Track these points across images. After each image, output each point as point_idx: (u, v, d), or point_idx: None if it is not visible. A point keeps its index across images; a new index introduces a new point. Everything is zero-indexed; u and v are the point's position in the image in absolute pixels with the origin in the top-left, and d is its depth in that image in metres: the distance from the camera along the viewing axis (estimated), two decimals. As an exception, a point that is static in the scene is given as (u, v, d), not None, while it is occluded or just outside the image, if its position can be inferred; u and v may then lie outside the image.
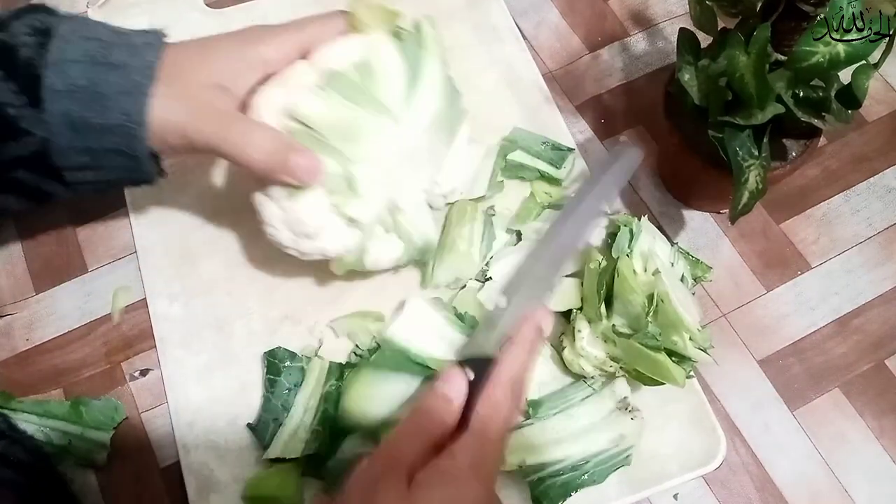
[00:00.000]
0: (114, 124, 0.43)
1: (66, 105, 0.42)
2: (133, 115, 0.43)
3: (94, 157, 0.45)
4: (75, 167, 0.45)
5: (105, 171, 0.46)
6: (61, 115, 0.42)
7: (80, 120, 0.43)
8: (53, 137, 0.43)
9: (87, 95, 0.42)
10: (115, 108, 0.43)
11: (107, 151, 0.44)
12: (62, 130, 0.43)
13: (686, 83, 0.51)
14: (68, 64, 0.42)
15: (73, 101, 0.42)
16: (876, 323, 0.58)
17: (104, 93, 0.43)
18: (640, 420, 0.50)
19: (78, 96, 0.42)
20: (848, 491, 0.53)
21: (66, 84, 0.42)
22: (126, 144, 0.44)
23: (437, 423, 0.39)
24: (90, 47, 0.43)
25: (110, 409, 0.53)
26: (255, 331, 0.56)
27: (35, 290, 0.58)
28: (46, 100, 0.42)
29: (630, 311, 0.49)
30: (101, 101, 0.43)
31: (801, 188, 0.63)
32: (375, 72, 0.46)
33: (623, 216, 0.54)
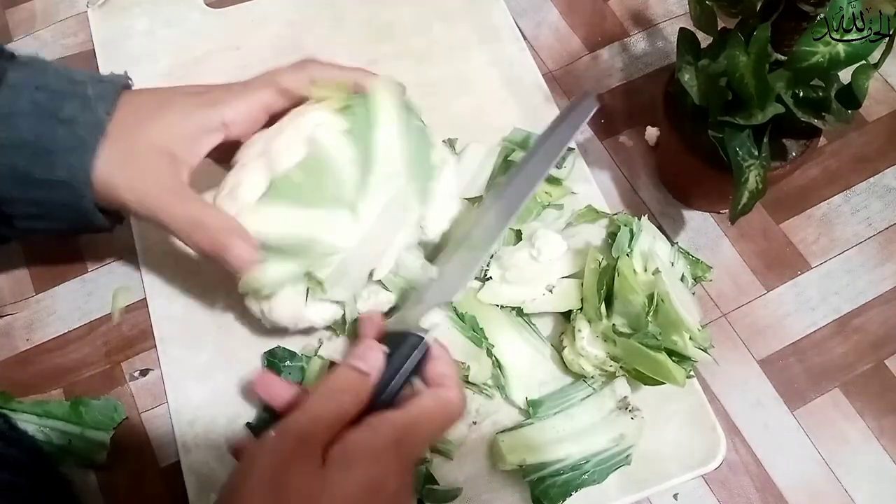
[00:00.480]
0: (59, 180, 0.42)
1: (10, 158, 0.42)
2: (77, 172, 0.42)
3: (41, 209, 0.44)
4: (24, 216, 0.45)
5: (55, 221, 0.45)
6: (8, 168, 0.42)
7: (26, 174, 0.42)
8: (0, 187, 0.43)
9: (32, 150, 0.42)
10: (60, 164, 0.42)
11: (54, 204, 0.44)
12: (8, 182, 0.42)
13: (686, 83, 0.51)
14: (16, 116, 0.42)
15: (19, 156, 0.42)
16: (876, 323, 0.58)
17: (50, 148, 0.42)
18: (640, 419, 0.50)
19: (24, 150, 0.42)
20: (848, 491, 0.53)
21: (11, 138, 0.42)
22: (71, 200, 0.43)
23: (351, 397, 0.38)
24: (40, 99, 0.42)
25: (110, 409, 0.53)
26: (256, 330, 0.56)
27: (35, 290, 0.58)
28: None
29: (630, 311, 0.49)
30: (47, 156, 0.42)
31: (801, 188, 0.63)
32: (323, 165, 0.44)
33: (623, 216, 0.54)
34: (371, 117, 0.44)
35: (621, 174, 0.64)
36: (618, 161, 0.64)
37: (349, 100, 0.44)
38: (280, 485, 0.33)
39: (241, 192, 0.45)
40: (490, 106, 0.65)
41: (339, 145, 0.44)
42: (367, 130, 0.44)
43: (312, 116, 0.44)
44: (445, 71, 0.66)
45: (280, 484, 0.33)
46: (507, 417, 0.53)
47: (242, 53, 0.67)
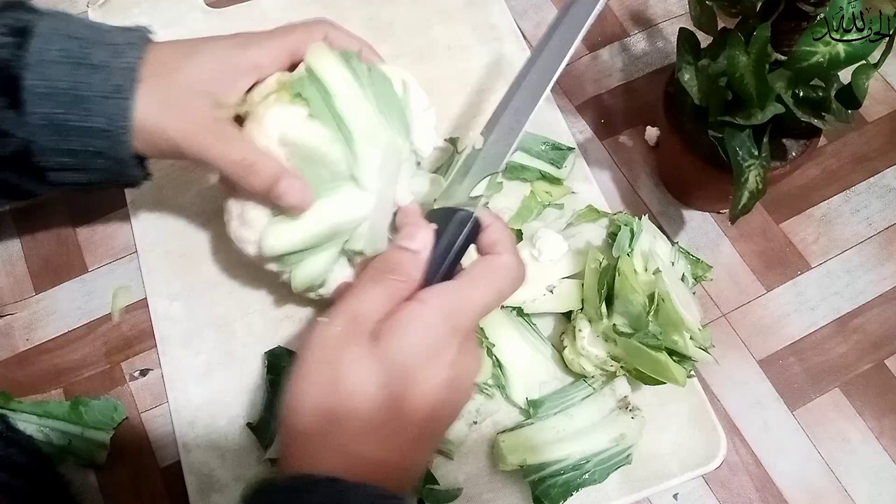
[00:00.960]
0: (96, 128, 0.42)
1: (47, 107, 0.41)
2: (115, 119, 0.42)
3: (76, 159, 0.44)
4: (58, 168, 0.44)
5: (88, 173, 0.45)
6: (43, 118, 0.42)
7: (63, 122, 0.42)
8: (35, 139, 0.42)
9: (68, 98, 0.41)
10: (97, 111, 0.42)
11: (90, 154, 0.43)
12: (44, 133, 0.42)
13: (686, 83, 0.51)
14: (48, 65, 0.41)
15: (55, 104, 0.41)
16: (876, 323, 0.58)
17: (86, 95, 0.42)
18: (640, 419, 0.50)
19: (59, 99, 0.41)
20: (848, 491, 0.53)
21: (46, 86, 0.41)
22: (109, 148, 0.43)
23: (402, 276, 0.38)
24: (71, 47, 0.42)
25: (110, 409, 0.53)
26: (256, 330, 0.56)
27: (35, 290, 0.58)
28: (27, 102, 0.41)
29: (631, 311, 0.49)
30: (83, 103, 0.42)
31: (801, 188, 0.63)
32: (308, 158, 0.44)
33: (623, 216, 0.54)
34: (324, 91, 0.44)
35: (621, 174, 0.64)
36: (618, 161, 0.64)
37: (295, 86, 0.44)
38: (334, 362, 0.34)
39: (252, 218, 0.46)
40: (490, 106, 0.64)
41: (312, 133, 0.44)
42: (327, 105, 0.44)
43: (272, 117, 0.44)
44: (445, 71, 0.66)
45: (333, 362, 0.34)
46: (508, 417, 0.53)
47: (242, 53, 0.67)
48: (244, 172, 0.43)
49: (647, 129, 0.65)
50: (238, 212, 0.47)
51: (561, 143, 0.62)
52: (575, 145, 0.62)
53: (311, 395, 0.35)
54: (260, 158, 0.44)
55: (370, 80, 0.46)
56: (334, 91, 0.44)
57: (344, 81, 0.44)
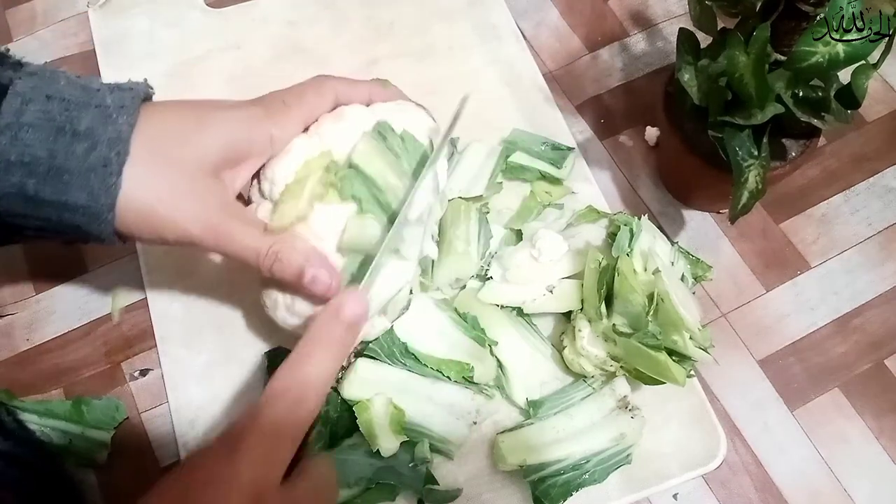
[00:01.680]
0: (76, 204, 0.37)
1: (19, 177, 0.36)
2: (100, 196, 0.37)
3: (52, 226, 0.39)
4: (30, 232, 0.40)
5: (65, 237, 0.41)
6: (13, 187, 0.37)
7: (36, 195, 0.37)
8: (3, 206, 0.38)
9: (45, 169, 0.36)
10: (78, 186, 0.37)
11: (66, 226, 0.39)
12: (15, 202, 0.37)
13: (686, 83, 0.51)
14: (24, 129, 0.36)
15: (29, 174, 0.36)
16: (876, 323, 0.58)
17: (65, 167, 0.36)
18: (640, 419, 0.50)
19: (33, 168, 0.36)
20: (847, 491, 0.53)
21: (19, 154, 0.36)
22: (88, 225, 0.38)
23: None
24: (52, 109, 0.37)
25: (111, 409, 0.53)
26: (256, 330, 0.56)
27: (35, 290, 0.58)
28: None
29: (630, 311, 0.49)
30: (62, 176, 0.36)
31: (801, 188, 0.63)
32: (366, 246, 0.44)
33: (623, 215, 0.54)
34: (373, 187, 0.43)
35: (621, 174, 0.64)
36: (618, 161, 0.64)
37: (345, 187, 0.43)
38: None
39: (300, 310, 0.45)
40: (490, 106, 0.65)
41: (368, 229, 0.43)
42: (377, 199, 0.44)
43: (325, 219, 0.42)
44: (445, 71, 0.66)
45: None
46: (508, 417, 0.53)
47: (242, 53, 0.67)
48: (270, 262, 0.40)
49: (647, 129, 0.65)
50: (287, 303, 0.45)
51: (560, 143, 0.62)
52: (575, 145, 0.62)
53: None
54: (285, 248, 0.40)
55: (405, 148, 0.46)
56: (384, 186, 0.43)
57: (391, 173, 0.44)
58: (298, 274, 0.40)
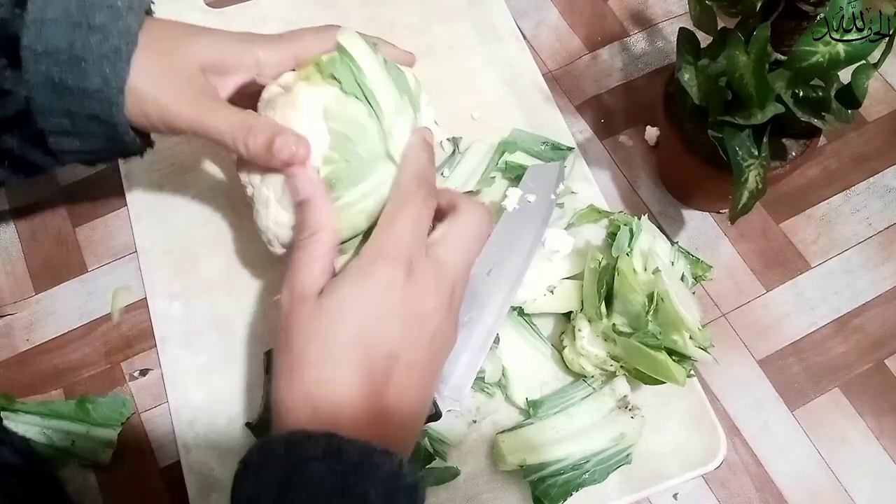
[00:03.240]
0: (92, 89, 0.42)
1: (45, 66, 0.42)
2: (111, 81, 0.42)
3: (73, 123, 0.44)
4: (57, 131, 0.44)
5: (87, 140, 0.45)
6: (41, 76, 0.42)
7: (60, 82, 0.42)
8: (34, 97, 0.42)
9: (65, 58, 0.41)
10: (94, 72, 0.42)
11: (86, 117, 0.43)
12: (43, 91, 0.42)
13: (686, 83, 0.51)
14: (47, 24, 0.41)
15: (53, 63, 0.42)
16: (876, 323, 0.58)
17: (83, 56, 0.42)
18: (640, 419, 0.50)
19: (56, 58, 0.41)
20: (848, 491, 0.53)
21: (44, 45, 0.41)
22: (103, 111, 0.43)
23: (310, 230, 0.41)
24: (70, 8, 0.42)
25: (118, 405, 0.53)
26: (256, 330, 0.56)
27: (35, 290, 0.58)
28: (26, 60, 0.41)
29: (630, 310, 0.49)
30: (80, 64, 0.42)
31: (801, 188, 0.63)
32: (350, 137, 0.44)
33: (623, 215, 0.54)
34: (356, 69, 0.44)
35: (621, 174, 0.64)
36: (618, 161, 0.64)
37: (327, 66, 0.44)
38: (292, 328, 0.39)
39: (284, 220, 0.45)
40: (490, 106, 0.65)
41: (352, 107, 0.44)
42: (360, 83, 0.44)
43: (310, 96, 0.44)
44: (445, 71, 0.66)
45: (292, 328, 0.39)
46: (508, 417, 0.53)
47: (242, 53, 0.67)
48: (242, 134, 0.43)
49: (647, 129, 0.65)
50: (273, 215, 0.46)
51: (560, 143, 0.62)
52: (574, 145, 0.62)
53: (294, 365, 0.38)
54: (257, 119, 0.44)
55: (389, 67, 0.47)
56: (366, 70, 0.44)
57: (373, 62, 0.45)
58: (268, 142, 0.43)
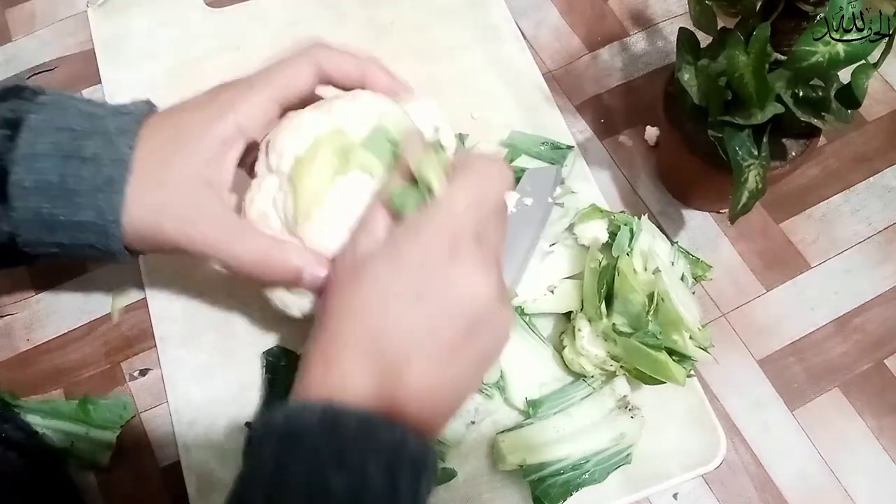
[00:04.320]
0: (85, 222, 0.41)
1: (35, 202, 0.41)
2: (106, 213, 0.41)
3: (65, 250, 0.43)
4: (44, 255, 0.44)
5: (78, 257, 0.44)
6: (30, 212, 0.41)
7: (50, 217, 0.41)
8: (21, 233, 0.41)
9: (57, 192, 0.40)
10: (87, 205, 0.41)
11: (79, 246, 0.43)
12: (31, 227, 0.41)
13: (686, 83, 0.51)
14: (38, 159, 0.40)
15: (43, 198, 0.41)
16: (876, 322, 0.58)
17: (75, 189, 0.41)
18: (640, 418, 0.50)
19: (48, 193, 0.40)
20: (847, 490, 0.53)
21: (34, 181, 0.40)
22: (98, 241, 0.42)
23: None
24: (62, 139, 0.41)
25: (119, 407, 0.53)
26: (256, 330, 0.56)
27: (35, 291, 0.58)
28: (13, 196, 0.40)
29: (630, 310, 0.49)
30: (72, 198, 0.41)
31: (801, 188, 0.63)
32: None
33: (623, 215, 0.54)
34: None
35: (621, 174, 0.64)
36: (617, 160, 0.64)
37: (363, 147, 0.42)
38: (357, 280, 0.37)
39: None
40: (490, 105, 0.65)
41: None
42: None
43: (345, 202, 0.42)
44: (445, 71, 0.66)
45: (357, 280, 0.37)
46: (507, 417, 0.53)
47: (242, 53, 0.67)
48: (260, 270, 0.42)
49: (647, 129, 0.65)
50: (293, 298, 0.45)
51: (560, 143, 0.62)
52: (574, 145, 0.62)
53: (319, 329, 0.37)
54: (275, 252, 0.42)
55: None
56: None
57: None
58: (293, 278, 0.42)
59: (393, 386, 0.35)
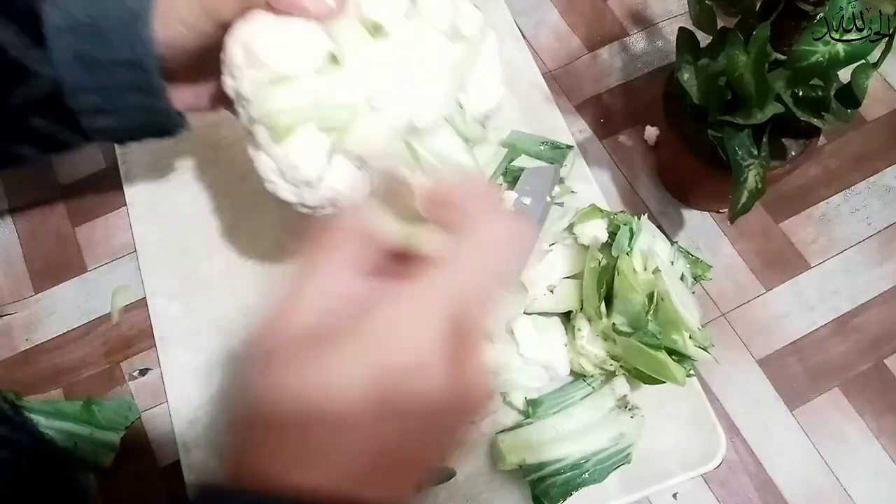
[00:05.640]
0: (122, 59, 0.40)
1: (70, 42, 0.40)
2: (137, 47, 0.40)
3: (106, 98, 0.42)
4: (89, 110, 0.42)
5: (121, 115, 0.43)
6: (68, 52, 0.40)
7: (88, 57, 0.40)
8: (63, 76, 0.40)
9: (89, 31, 0.39)
10: (119, 42, 0.40)
11: (120, 89, 0.41)
12: (71, 68, 0.40)
13: (685, 83, 0.51)
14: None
15: (78, 38, 0.40)
16: (875, 322, 0.58)
17: (105, 26, 0.39)
18: (639, 418, 0.50)
19: (80, 32, 0.39)
20: (847, 490, 0.53)
21: (66, 20, 0.39)
22: (138, 80, 0.41)
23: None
24: None
25: (123, 408, 0.53)
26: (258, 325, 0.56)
27: (35, 290, 0.58)
28: (49, 38, 0.39)
29: (630, 310, 0.49)
30: (104, 35, 0.40)
31: (801, 187, 0.63)
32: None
33: (623, 215, 0.54)
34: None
35: (621, 173, 0.64)
36: (617, 160, 0.64)
37: None
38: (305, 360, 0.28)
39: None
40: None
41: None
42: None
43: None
44: (445, 70, 0.66)
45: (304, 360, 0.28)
46: (507, 416, 0.53)
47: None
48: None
49: (647, 129, 0.65)
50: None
51: (560, 142, 0.62)
52: (574, 144, 0.62)
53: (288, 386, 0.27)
54: None
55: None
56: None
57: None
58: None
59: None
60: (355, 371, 0.26)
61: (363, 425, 0.26)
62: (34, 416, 0.52)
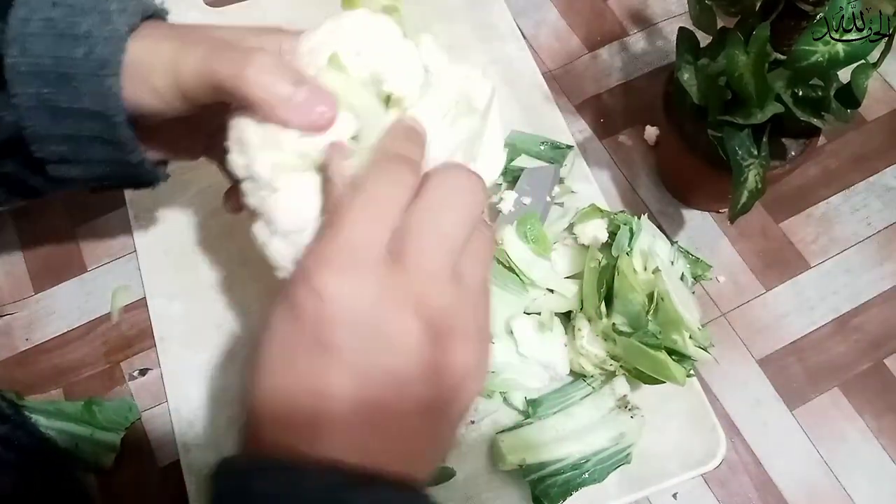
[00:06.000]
0: (87, 109, 0.37)
1: (34, 87, 0.36)
2: (104, 98, 0.36)
3: (73, 147, 0.38)
4: (55, 159, 0.39)
5: (90, 166, 0.40)
6: (31, 98, 0.36)
7: (52, 104, 0.37)
8: (27, 123, 0.37)
9: (54, 77, 0.36)
10: (85, 90, 0.36)
11: (85, 140, 0.38)
12: (36, 115, 0.37)
13: (685, 83, 0.51)
14: (30, 39, 0.36)
15: (42, 83, 0.36)
16: (875, 322, 0.58)
17: (72, 74, 0.36)
18: (639, 418, 0.50)
19: (45, 77, 0.36)
20: (847, 490, 0.53)
21: (29, 64, 0.36)
22: (103, 131, 0.38)
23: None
24: (56, 16, 0.36)
25: (124, 409, 0.53)
26: (256, 329, 0.56)
27: (35, 290, 0.58)
28: (13, 82, 0.36)
29: (630, 310, 0.49)
30: (69, 82, 0.36)
31: (801, 187, 0.63)
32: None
33: (623, 215, 0.54)
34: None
35: (621, 173, 0.64)
36: (617, 160, 0.64)
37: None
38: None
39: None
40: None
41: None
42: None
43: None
44: (445, 70, 0.66)
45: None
46: (507, 417, 0.53)
47: (242, 53, 0.67)
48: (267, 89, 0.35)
49: (647, 129, 0.65)
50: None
51: (560, 142, 0.62)
52: (574, 144, 0.62)
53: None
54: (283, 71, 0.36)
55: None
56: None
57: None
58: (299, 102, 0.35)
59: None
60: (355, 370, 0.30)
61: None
62: (35, 416, 0.52)
